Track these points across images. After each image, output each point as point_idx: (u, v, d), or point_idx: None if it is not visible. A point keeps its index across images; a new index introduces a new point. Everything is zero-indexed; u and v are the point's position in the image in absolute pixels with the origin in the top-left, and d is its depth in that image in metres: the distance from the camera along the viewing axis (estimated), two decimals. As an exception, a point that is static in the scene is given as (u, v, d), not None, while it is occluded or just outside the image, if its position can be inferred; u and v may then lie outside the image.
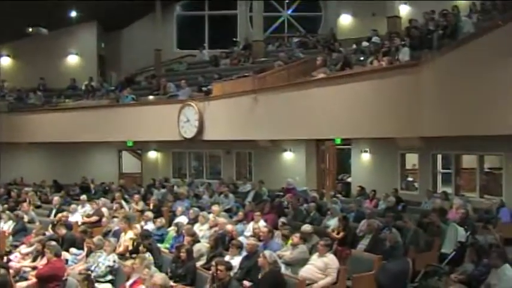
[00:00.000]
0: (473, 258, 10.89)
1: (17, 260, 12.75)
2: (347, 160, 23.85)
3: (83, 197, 19.83)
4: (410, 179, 20.79)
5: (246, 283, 10.17)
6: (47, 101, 28.43)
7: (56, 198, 19.53)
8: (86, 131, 25.07)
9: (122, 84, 28.24)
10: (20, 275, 11.53)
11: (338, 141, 21.31)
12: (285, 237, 12.59)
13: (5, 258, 12.81)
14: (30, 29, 26.57)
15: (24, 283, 10.86)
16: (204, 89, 23.61)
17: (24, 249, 13.30)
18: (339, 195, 20.46)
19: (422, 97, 14.53)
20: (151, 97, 25.98)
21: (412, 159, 20.41)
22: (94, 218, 17.43)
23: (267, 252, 10.23)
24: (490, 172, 18.53)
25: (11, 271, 10.95)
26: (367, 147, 21.04)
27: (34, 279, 10.71)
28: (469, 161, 18.83)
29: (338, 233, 13.21)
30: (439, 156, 19.16)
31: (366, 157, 21.30)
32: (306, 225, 13.08)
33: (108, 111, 25.57)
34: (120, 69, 31.88)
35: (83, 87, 29.02)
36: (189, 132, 23.19)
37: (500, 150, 16.12)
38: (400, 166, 19.97)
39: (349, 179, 23.30)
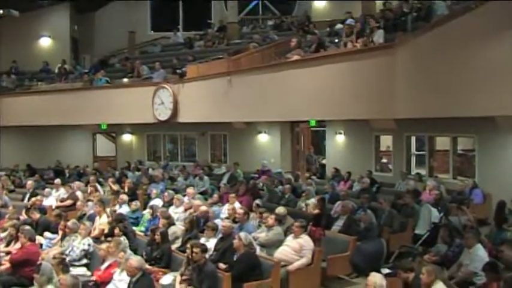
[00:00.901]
0: (446, 239, 11.02)
1: (-9, 244, 12.65)
2: (322, 142, 23.95)
3: (57, 180, 19.69)
4: (384, 160, 20.91)
5: (221, 265, 10.19)
6: (20, 84, 28.12)
7: (30, 183, 19.39)
8: (59, 114, 24.87)
9: (96, 67, 27.99)
10: (-6, 260, 11.43)
11: (313, 123, 21.38)
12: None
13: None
14: (1, 11, 26.16)
15: (-2, 268, 10.78)
16: (178, 71, 23.49)
17: (-2, 234, 13.16)
18: (313, 177, 20.54)
19: (396, 79, 14.60)
20: (125, 80, 25.80)
21: (386, 141, 20.52)
22: (68, 202, 17.35)
23: (242, 234, 10.27)
24: (463, 154, 18.70)
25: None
26: (342, 129, 21.11)
27: (8, 264, 10.63)
28: (442, 142, 18.98)
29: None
30: (413, 138, 19.29)
31: (340, 139, 21.38)
32: (281, 207, 13.14)
33: (82, 94, 25.34)
34: (94, 51, 31.60)
35: (56, 70, 28.69)
36: (164, 114, 23.10)
37: (473, 132, 16.26)
38: (374, 148, 20.08)
39: (323, 161, 23.41)
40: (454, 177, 17.32)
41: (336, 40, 19.92)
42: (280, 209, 12.62)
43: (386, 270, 10.05)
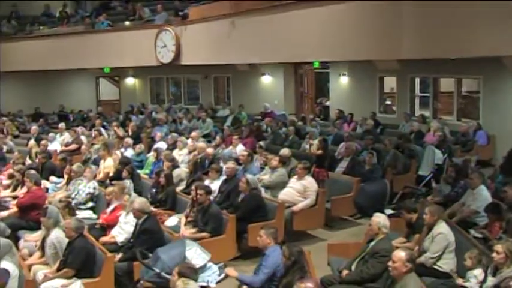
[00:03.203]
0: (449, 179, 11.07)
1: (-3, 189, 12.71)
2: (325, 84, 23.86)
3: (61, 125, 19.73)
4: (388, 102, 20.86)
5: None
6: (21, 29, 27.81)
7: (34, 128, 19.41)
8: (62, 58, 24.66)
9: (97, 10, 27.67)
10: (1, 204, 11.51)
11: (316, 64, 21.28)
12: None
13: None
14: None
15: (6, 212, 10.87)
16: (180, 13, 23.23)
17: (4, 180, 13.15)
18: (317, 119, 20.54)
19: (401, 19, 14.39)
20: (127, 23, 25.52)
21: (390, 83, 20.44)
22: (73, 146, 17.41)
23: (249, 176, 10.33)
24: (467, 95, 18.64)
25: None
26: (346, 70, 21.01)
27: (16, 208, 10.73)
28: (446, 84, 18.90)
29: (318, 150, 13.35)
30: (417, 80, 19.20)
31: (344, 80, 21.29)
32: (285, 148, 13.15)
33: (84, 38, 25.07)
34: (94, -6, 31.17)
35: (57, 14, 28.36)
36: (166, 57, 22.90)
37: (478, 74, 16.17)
38: (378, 89, 20.02)
39: (327, 103, 23.35)
40: (458, 119, 17.31)
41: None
42: (285, 151, 12.65)
43: (389, 211, 10.14)
